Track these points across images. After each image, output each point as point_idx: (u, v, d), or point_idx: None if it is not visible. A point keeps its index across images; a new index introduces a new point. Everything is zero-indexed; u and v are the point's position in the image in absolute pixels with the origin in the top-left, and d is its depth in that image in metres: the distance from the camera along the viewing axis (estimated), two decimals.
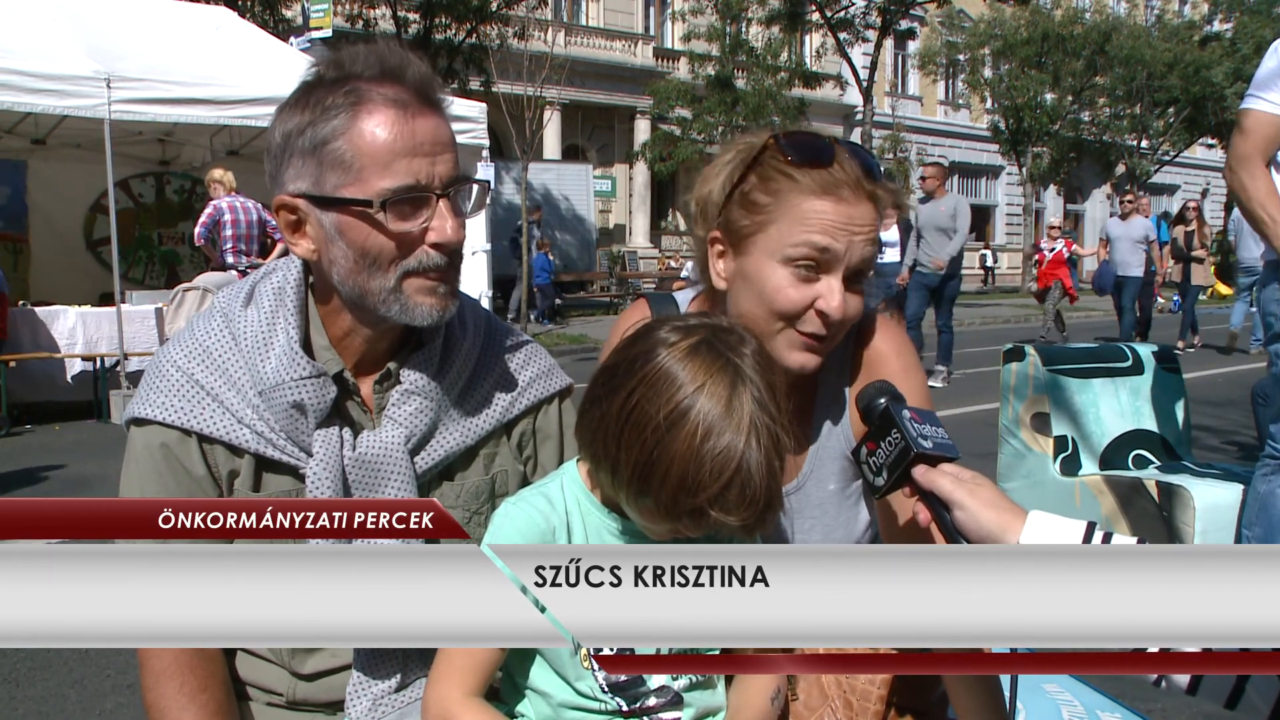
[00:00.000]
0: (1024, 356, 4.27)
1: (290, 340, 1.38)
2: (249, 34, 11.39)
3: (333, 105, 1.30)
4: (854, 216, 1.40)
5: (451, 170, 1.34)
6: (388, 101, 1.30)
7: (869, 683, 1.41)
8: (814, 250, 1.39)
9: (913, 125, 34.28)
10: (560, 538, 1.27)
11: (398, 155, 1.29)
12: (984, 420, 6.65)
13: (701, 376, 1.16)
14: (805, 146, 1.43)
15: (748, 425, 1.15)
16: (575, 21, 30.43)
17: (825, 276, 1.40)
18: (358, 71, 1.32)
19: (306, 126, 1.31)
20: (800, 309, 1.41)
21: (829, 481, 1.58)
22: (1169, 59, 31.59)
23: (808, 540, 1.58)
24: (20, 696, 3.29)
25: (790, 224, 1.40)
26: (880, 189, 1.43)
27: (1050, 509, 4.28)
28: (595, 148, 31.77)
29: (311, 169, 1.31)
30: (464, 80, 21.34)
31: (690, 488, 1.13)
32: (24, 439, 8.26)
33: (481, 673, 1.27)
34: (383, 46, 1.35)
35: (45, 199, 12.16)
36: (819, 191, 1.39)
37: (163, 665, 1.42)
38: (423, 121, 1.31)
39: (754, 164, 1.45)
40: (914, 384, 1.52)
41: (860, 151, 1.46)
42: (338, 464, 1.38)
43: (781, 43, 26.75)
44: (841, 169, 1.41)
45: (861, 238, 1.40)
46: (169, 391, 1.40)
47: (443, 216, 1.33)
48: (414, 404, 1.43)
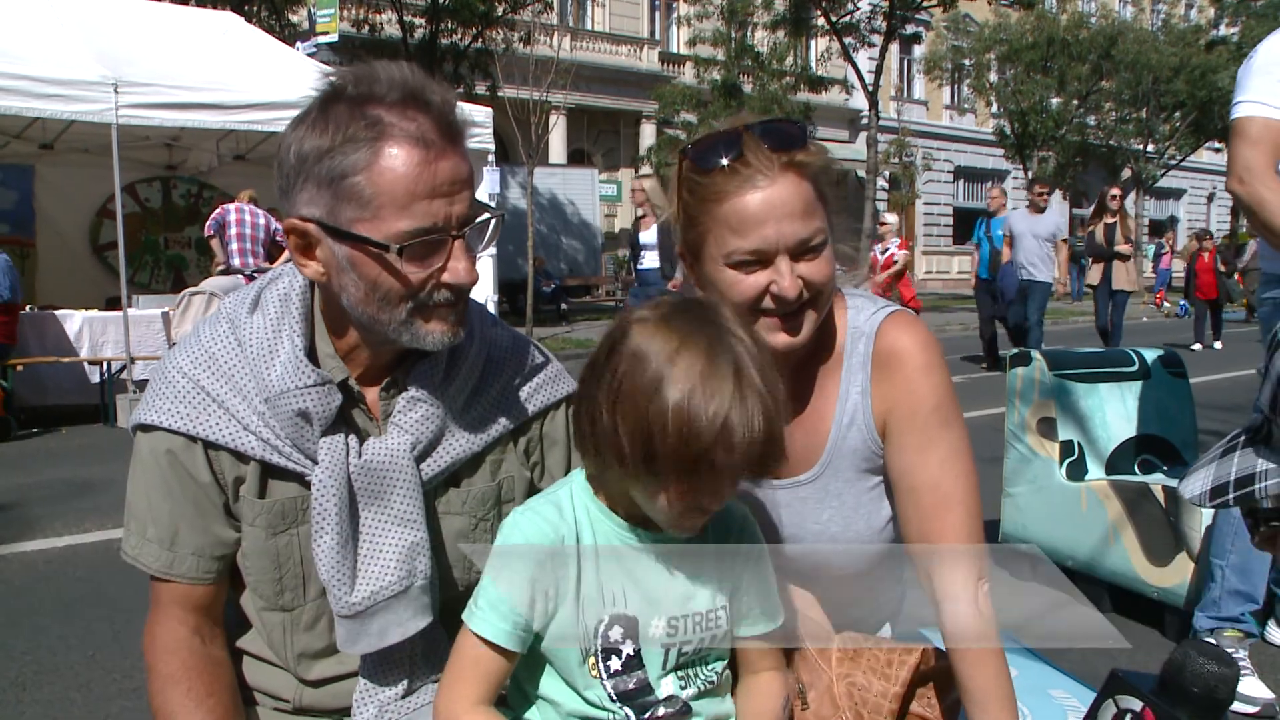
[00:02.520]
0: (1030, 361, 4.26)
1: (295, 348, 1.38)
2: (256, 39, 11.41)
3: (354, 136, 1.25)
4: (772, 202, 1.41)
5: (467, 209, 1.32)
6: (411, 140, 1.25)
7: (880, 695, 1.40)
8: (744, 252, 1.43)
9: (918, 130, 34.22)
10: (570, 543, 1.27)
11: (417, 198, 1.26)
12: (990, 425, 6.64)
13: (678, 337, 1.17)
14: (706, 153, 1.46)
15: (733, 365, 1.15)
16: (581, 26, 30.47)
17: (773, 263, 1.43)
18: (380, 95, 1.27)
19: (325, 155, 1.26)
20: (758, 295, 1.45)
21: (848, 472, 1.59)
22: (1175, 63, 31.53)
23: (827, 530, 1.60)
24: (27, 700, 3.30)
25: (719, 232, 1.45)
26: (800, 154, 1.44)
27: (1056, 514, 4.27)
28: (601, 152, 31.78)
29: (327, 198, 1.28)
30: (470, 85, 21.38)
31: (690, 435, 1.12)
32: (31, 443, 8.28)
33: (491, 681, 1.26)
34: (405, 69, 1.31)
35: (52, 203, 12.21)
36: (729, 193, 1.42)
37: (170, 670, 1.42)
38: (444, 163, 1.27)
39: (682, 183, 1.50)
40: (934, 382, 1.53)
41: (770, 125, 1.46)
42: (343, 471, 1.38)
43: (787, 47, 26.73)
44: (749, 156, 1.42)
45: (787, 217, 1.41)
46: (175, 398, 1.40)
47: (457, 258, 1.32)
48: (420, 411, 1.42)
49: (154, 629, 1.45)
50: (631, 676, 1.28)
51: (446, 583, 1.49)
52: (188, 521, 1.42)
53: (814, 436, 1.60)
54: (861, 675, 1.41)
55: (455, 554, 1.50)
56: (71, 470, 6.99)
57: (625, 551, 1.27)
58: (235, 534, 1.44)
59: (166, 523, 1.42)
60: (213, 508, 1.42)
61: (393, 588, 1.39)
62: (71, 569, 4.69)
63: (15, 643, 3.78)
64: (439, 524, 1.48)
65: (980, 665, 1.40)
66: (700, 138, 1.51)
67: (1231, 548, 3.21)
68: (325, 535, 1.37)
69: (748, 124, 1.46)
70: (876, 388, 1.56)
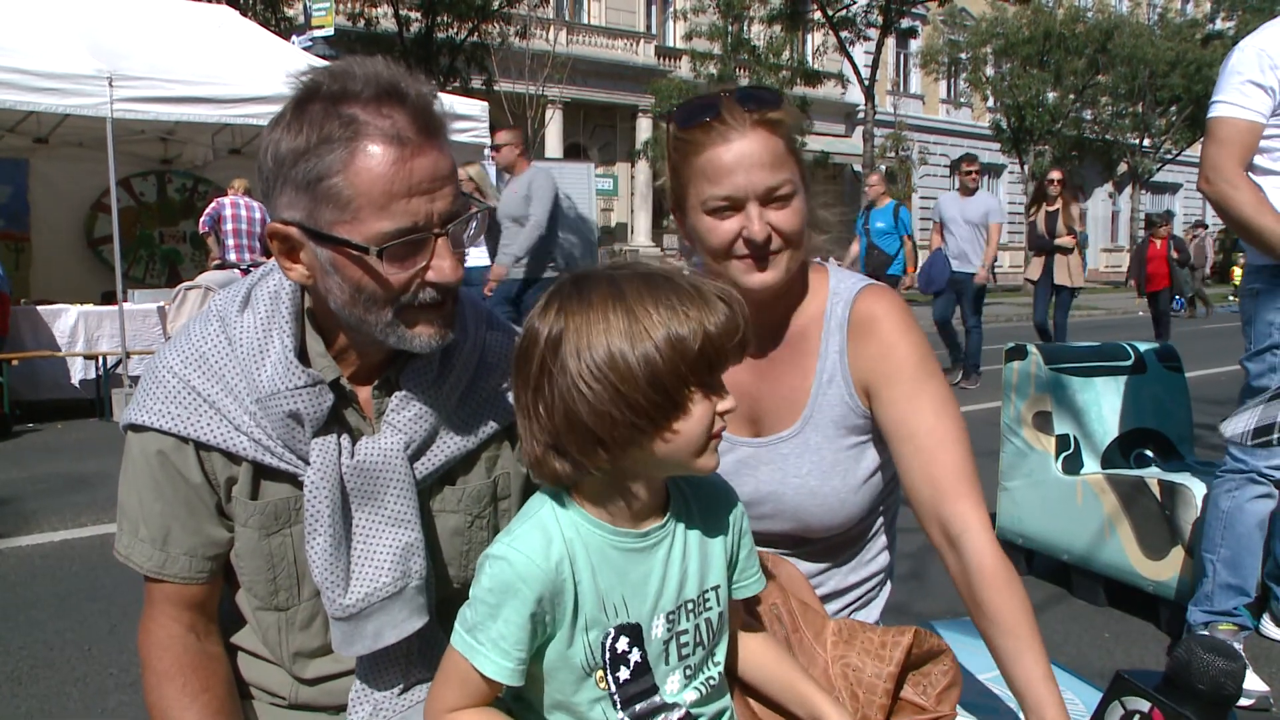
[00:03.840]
0: (1026, 355, 4.27)
1: (285, 349, 1.36)
2: (251, 33, 11.37)
3: (329, 136, 1.22)
4: (743, 153, 1.55)
5: (450, 205, 1.28)
6: (387, 138, 1.22)
7: (875, 676, 1.41)
8: (718, 199, 1.57)
9: (915, 124, 34.26)
10: (564, 570, 1.20)
11: (395, 197, 1.23)
12: (986, 419, 6.65)
13: (594, 297, 1.15)
14: (687, 111, 1.61)
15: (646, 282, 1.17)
16: (577, 20, 30.42)
17: (744, 209, 1.57)
18: (355, 91, 1.24)
19: (301, 157, 1.24)
20: (731, 240, 1.59)
21: (827, 429, 1.69)
22: (1171, 57, 31.60)
23: (806, 483, 1.69)
24: (23, 694, 3.29)
25: (696, 182, 1.59)
26: (771, 113, 1.57)
27: (1052, 508, 4.30)
28: (597, 146, 31.76)
29: (305, 201, 1.25)
30: (466, 78, 21.34)
31: (706, 330, 1.13)
32: (26, 438, 8.27)
33: (478, 698, 1.23)
34: (380, 64, 1.28)
35: (47, 198, 12.16)
36: (706, 145, 1.57)
37: (164, 667, 1.42)
38: (422, 160, 1.24)
39: (670, 142, 1.64)
40: (913, 340, 1.64)
41: (746, 89, 1.61)
42: (335, 472, 1.37)
43: (783, 41, 26.75)
44: (725, 115, 1.56)
45: (756, 166, 1.55)
46: (165, 398, 1.38)
47: (441, 256, 1.29)
48: (413, 410, 1.41)
49: (148, 625, 1.45)
50: (640, 682, 1.26)
51: (442, 580, 1.48)
52: (180, 522, 1.41)
53: (796, 394, 1.70)
54: (856, 657, 1.43)
55: (451, 552, 1.49)
56: (67, 465, 6.98)
57: (617, 558, 1.24)
58: (228, 534, 1.43)
59: (158, 523, 1.41)
60: (205, 508, 1.41)
61: (387, 589, 1.38)
62: (68, 563, 4.69)
63: (11, 637, 3.78)
64: (434, 522, 1.47)
65: (1007, 592, 1.44)
66: (685, 101, 1.68)
67: (1221, 541, 3.21)
68: (318, 537, 1.36)
69: (726, 89, 1.61)
70: (854, 348, 1.67)
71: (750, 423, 1.75)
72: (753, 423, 1.75)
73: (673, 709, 1.27)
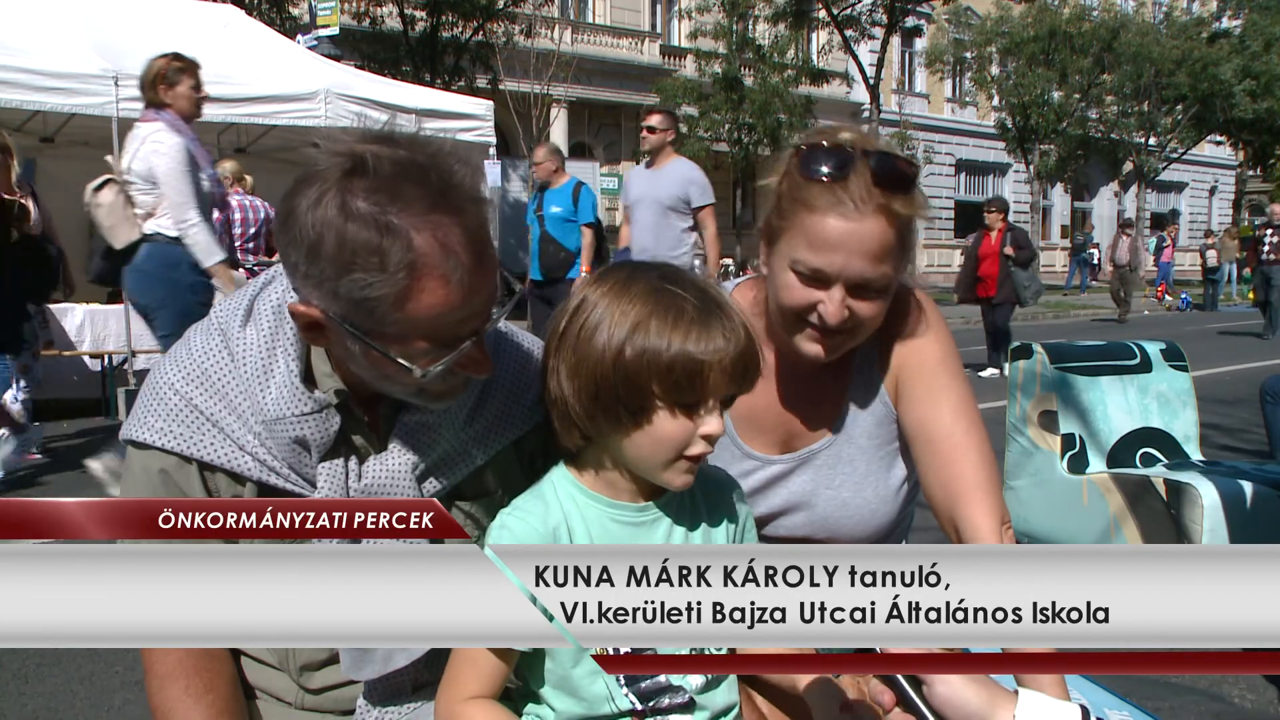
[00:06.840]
0: (1032, 354, 4.26)
1: (290, 373, 1.33)
2: (256, 32, 11.39)
3: (383, 263, 1.13)
4: (853, 235, 1.44)
5: (488, 312, 1.25)
6: (446, 281, 1.15)
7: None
8: (809, 267, 1.48)
9: (919, 123, 34.17)
10: (562, 537, 1.26)
11: (444, 326, 1.20)
12: (992, 418, 6.61)
13: (630, 297, 1.22)
14: (816, 161, 1.47)
15: (686, 285, 1.23)
16: (582, 19, 30.40)
17: (830, 286, 1.48)
18: (408, 201, 1.14)
19: (345, 271, 1.15)
20: (802, 309, 1.51)
21: (859, 440, 1.68)
22: (1177, 56, 31.46)
23: (838, 495, 1.68)
24: (30, 693, 3.30)
25: (794, 236, 1.49)
26: (899, 202, 1.46)
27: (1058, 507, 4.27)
28: (602, 145, 31.73)
29: (346, 307, 1.18)
30: (471, 78, 21.35)
31: (685, 352, 1.17)
32: None
33: (488, 679, 1.25)
34: (428, 166, 1.18)
35: (53, 196, 12.16)
36: (822, 209, 1.45)
37: (167, 668, 1.40)
38: (478, 294, 1.20)
39: (785, 172, 1.53)
40: (938, 336, 1.64)
41: (885, 161, 1.47)
42: (343, 497, 1.35)
43: (788, 40, 26.71)
44: (853, 183, 1.44)
45: (860, 255, 1.45)
46: (166, 416, 1.35)
47: (474, 358, 1.26)
48: (421, 429, 1.38)
49: None
50: None
51: None
52: None
53: (828, 404, 1.68)
54: None
55: None
56: (74, 463, 6.98)
57: (617, 531, 1.28)
58: None
59: None
60: None
61: None
62: None
63: None
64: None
65: None
66: (816, 140, 1.52)
67: None
68: None
69: (866, 149, 1.47)
70: (884, 347, 1.64)
71: (781, 442, 1.72)
72: (784, 441, 1.72)
73: (678, 691, 1.28)
